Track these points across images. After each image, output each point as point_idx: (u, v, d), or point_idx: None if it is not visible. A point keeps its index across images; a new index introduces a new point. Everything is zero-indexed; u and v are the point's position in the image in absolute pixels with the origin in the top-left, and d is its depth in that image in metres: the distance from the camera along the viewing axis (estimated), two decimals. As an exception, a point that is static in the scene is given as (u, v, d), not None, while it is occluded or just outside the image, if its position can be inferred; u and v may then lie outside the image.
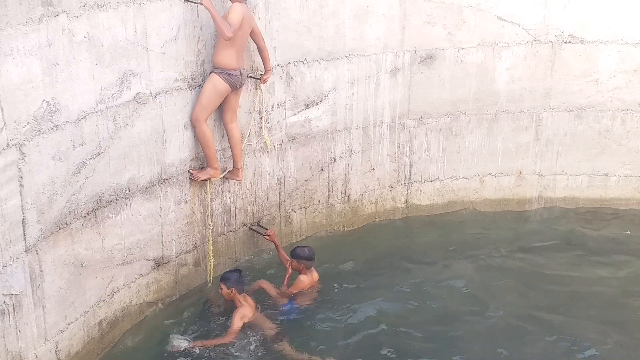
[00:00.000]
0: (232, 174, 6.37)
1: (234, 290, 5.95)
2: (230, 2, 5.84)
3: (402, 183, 7.62)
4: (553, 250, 7.30)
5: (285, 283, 6.39)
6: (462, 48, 7.22)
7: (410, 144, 7.47)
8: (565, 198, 7.96)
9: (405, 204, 7.72)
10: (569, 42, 7.37)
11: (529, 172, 7.85)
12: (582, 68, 7.48)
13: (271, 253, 6.92)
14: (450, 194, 7.80)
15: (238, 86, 5.98)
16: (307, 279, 6.37)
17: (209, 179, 6.18)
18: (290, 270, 6.43)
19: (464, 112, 7.48)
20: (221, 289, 6.00)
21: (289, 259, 6.49)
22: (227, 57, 5.78)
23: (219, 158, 6.23)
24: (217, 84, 5.84)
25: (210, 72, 5.87)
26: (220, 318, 6.12)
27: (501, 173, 7.81)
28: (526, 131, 7.67)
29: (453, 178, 7.74)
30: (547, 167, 7.84)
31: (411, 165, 7.57)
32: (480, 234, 7.56)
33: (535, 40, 7.33)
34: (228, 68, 5.81)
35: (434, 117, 7.43)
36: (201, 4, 5.58)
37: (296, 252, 6.37)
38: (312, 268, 6.42)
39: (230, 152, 6.32)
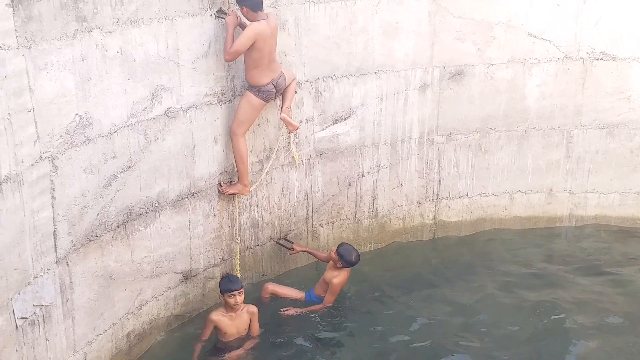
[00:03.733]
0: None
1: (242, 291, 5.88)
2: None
3: (430, 199, 7.58)
4: (584, 270, 7.19)
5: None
6: (492, 64, 7.19)
7: (439, 160, 7.44)
8: (596, 216, 7.85)
9: (433, 221, 7.67)
10: (601, 59, 7.30)
11: (559, 189, 7.76)
12: (614, 85, 7.39)
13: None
14: (479, 210, 7.73)
15: (274, 98, 6.03)
16: (339, 280, 6.36)
17: (237, 194, 6.21)
18: (322, 255, 6.65)
19: (493, 128, 7.44)
20: (240, 293, 5.82)
21: (326, 256, 6.62)
22: (256, 76, 5.82)
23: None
24: (251, 100, 5.90)
25: (246, 89, 5.92)
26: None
27: (531, 190, 7.74)
28: (557, 148, 7.59)
29: (482, 195, 7.69)
30: (578, 185, 7.74)
31: (439, 181, 7.53)
32: (509, 252, 7.48)
33: (566, 57, 7.28)
34: (257, 85, 5.85)
35: (463, 133, 7.40)
36: (229, 16, 5.62)
37: (342, 251, 6.32)
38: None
39: (255, 168, 6.35)
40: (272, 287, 6.52)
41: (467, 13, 6.94)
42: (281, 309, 6.36)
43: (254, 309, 5.96)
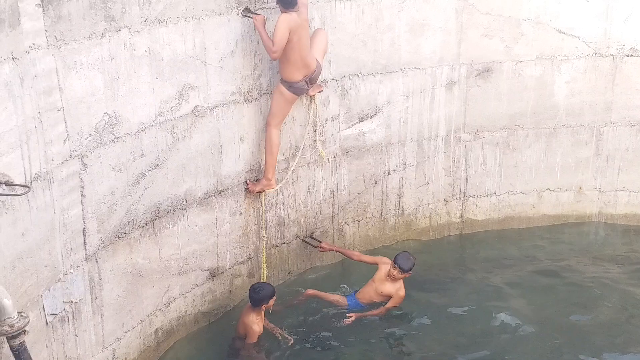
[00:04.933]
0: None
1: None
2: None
3: (457, 197, 7.53)
4: (613, 269, 7.11)
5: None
6: (520, 61, 7.12)
7: (466, 157, 7.39)
8: (626, 215, 7.74)
9: (460, 219, 7.62)
10: (631, 55, 7.19)
11: (589, 187, 7.67)
12: (645, 82, 7.29)
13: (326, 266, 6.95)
14: (507, 209, 7.67)
15: (306, 93, 6.03)
16: (404, 291, 6.32)
17: (263, 190, 6.22)
18: (353, 254, 6.61)
19: (521, 125, 7.37)
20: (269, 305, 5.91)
21: (357, 256, 6.61)
22: (288, 72, 5.83)
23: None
24: (282, 92, 5.93)
25: (279, 81, 5.94)
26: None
27: (560, 188, 7.65)
28: (586, 146, 7.50)
29: (510, 193, 7.62)
30: (608, 183, 7.64)
31: (467, 179, 7.48)
32: (538, 251, 7.41)
33: (595, 54, 7.18)
34: (289, 81, 5.87)
35: (491, 130, 7.34)
36: (256, 17, 5.64)
37: (404, 264, 6.22)
38: None
39: (281, 166, 6.37)
40: (313, 293, 6.47)
41: (495, 9, 6.89)
42: (347, 315, 6.26)
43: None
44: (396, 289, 6.29)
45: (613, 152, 7.53)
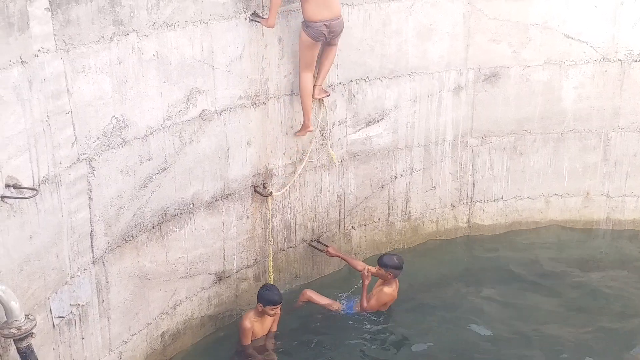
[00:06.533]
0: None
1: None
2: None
3: (464, 202, 7.52)
4: (621, 275, 7.08)
5: (363, 296, 6.32)
6: (528, 66, 7.11)
7: (473, 162, 7.38)
8: (634, 220, 7.71)
9: (467, 224, 7.61)
10: (639, 60, 7.17)
11: (596, 193, 7.64)
12: (653, 87, 7.27)
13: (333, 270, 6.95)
14: (514, 214, 7.65)
15: (324, 38, 5.86)
16: (391, 290, 6.31)
17: (304, 132, 6.24)
18: (368, 281, 6.34)
19: (529, 130, 7.35)
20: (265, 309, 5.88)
21: (361, 267, 6.50)
22: (307, 10, 5.73)
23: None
24: (301, 36, 5.87)
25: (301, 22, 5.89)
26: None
27: (568, 194, 7.63)
28: (594, 151, 7.48)
29: (517, 198, 7.60)
30: (616, 188, 7.62)
31: (474, 184, 7.47)
32: (545, 257, 7.38)
33: (603, 59, 7.17)
34: (308, 20, 5.77)
35: (498, 135, 7.33)
36: (263, 19, 5.66)
37: (384, 260, 6.28)
38: (396, 279, 6.34)
39: (288, 170, 6.40)
40: (310, 293, 6.47)
41: (503, 14, 6.88)
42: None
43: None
44: (381, 288, 6.31)
45: (621, 157, 7.50)
